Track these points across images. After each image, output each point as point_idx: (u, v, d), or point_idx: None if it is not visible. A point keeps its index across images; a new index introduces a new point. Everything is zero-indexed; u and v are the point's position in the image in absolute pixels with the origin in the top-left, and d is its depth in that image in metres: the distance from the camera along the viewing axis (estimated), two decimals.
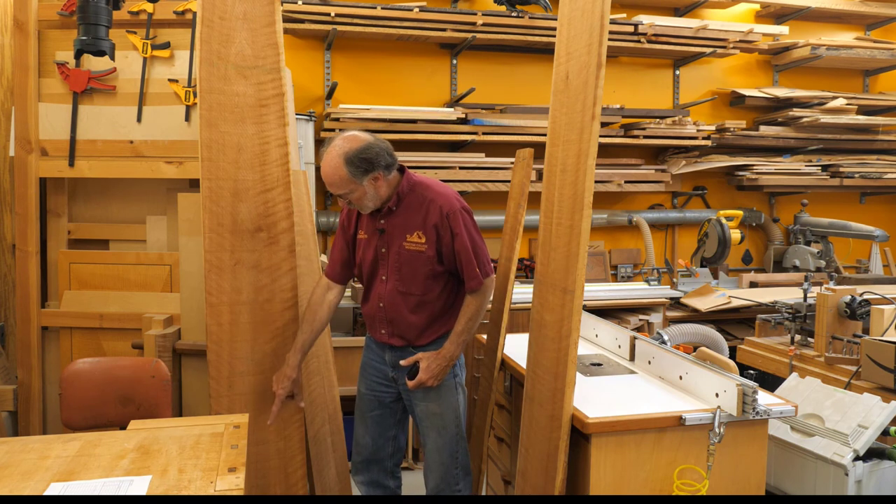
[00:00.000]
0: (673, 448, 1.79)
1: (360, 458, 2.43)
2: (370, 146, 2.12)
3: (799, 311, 2.98)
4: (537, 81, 4.65)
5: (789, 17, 5.03)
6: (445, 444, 2.28)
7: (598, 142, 1.77)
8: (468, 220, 2.23)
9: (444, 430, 2.28)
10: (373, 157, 2.11)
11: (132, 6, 3.15)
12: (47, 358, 3.21)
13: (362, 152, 2.10)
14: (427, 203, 2.20)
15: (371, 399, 2.40)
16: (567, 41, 1.92)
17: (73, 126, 3.13)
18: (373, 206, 2.20)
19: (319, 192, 4.22)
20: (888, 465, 2.00)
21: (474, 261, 2.21)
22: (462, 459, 2.33)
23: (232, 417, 1.99)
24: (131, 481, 1.55)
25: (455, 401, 2.30)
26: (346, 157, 2.09)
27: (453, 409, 2.29)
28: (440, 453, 2.29)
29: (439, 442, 2.28)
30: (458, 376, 2.32)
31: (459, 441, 2.31)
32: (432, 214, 2.19)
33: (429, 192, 2.23)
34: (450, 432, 2.29)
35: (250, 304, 2.23)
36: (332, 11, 3.90)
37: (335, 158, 2.10)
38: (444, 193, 2.23)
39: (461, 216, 2.20)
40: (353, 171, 2.09)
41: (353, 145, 2.11)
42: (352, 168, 2.09)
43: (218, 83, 2.17)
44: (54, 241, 3.26)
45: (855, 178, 4.99)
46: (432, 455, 2.30)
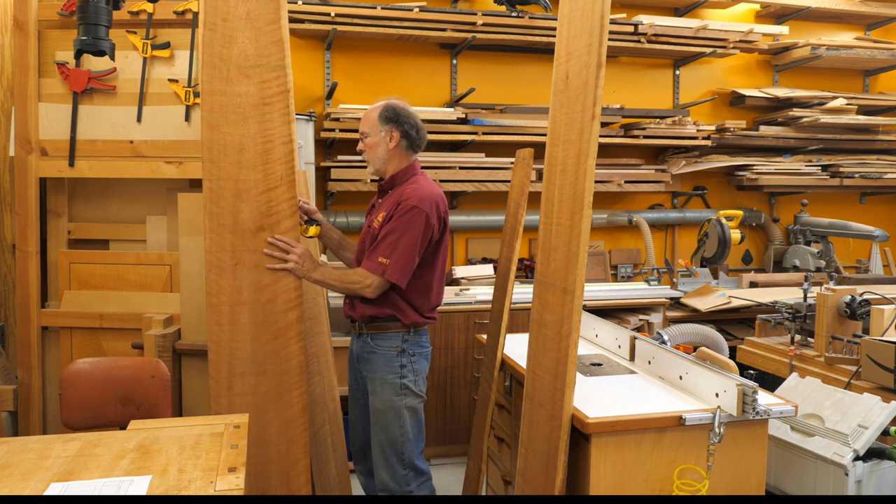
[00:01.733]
0: (673, 448, 1.79)
1: (356, 447, 2.52)
2: (407, 109, 2.35)
3: (799, 311, 2.98)
4: (537, 81, 4.64)
5: (789, 17, 5.03)
6: (388, 441, 2.30)
7: (598, 142, 1.77)
8: (417, 220, 2.22)
9: (386, 428, 2.30)
10: (402, 116, 2.32)
11: (132, 6, 3.15)
12: (47, 358, 3.21)
13: (398, 108, 2.33)
14: (403, 193, 2.28)
15: (355, 389, 2.50)
16: (567, 41, 1.92)
17: (73, 126, 3.13)
18: (378, 165, 2.36)
19: (319, 192, 4.22)
20: (888, 465, 2.00)
21: (384, 250, 2.21)
22: (410, 460, 2.32)
23: (232, 417, 1.99)
24: (131, 481, 1.55)
25: (398, 401, 2.30)
26: (386, 104, 2.34)
27: (395, 409, 2.29)
28: (383, 450, 2.31)
29: (381, 438, 2.31)
30: (406, 378, 2.31)
31: (405, 442, 2.30)
32: (396, 203, 2.27)
33: (411, 186, 2.30)
34: (392, 431, 2.30)
35: (251, 304, 2.23)
36: (332, 11, 3.90)
37: (380, 103, 2.35)
38: (420, 191, 2.27)
39: (413, 213, 2.22)
40: (382, 115, 2.32)
41: (400, 104, 2.35)
42: (383, 111, 2.32)
43: (220, 85, 2.16)
44: (54, 241, 3.26)
45: (855, 178, 4.99)
46: (376, 450, 2.34)
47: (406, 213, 2.22)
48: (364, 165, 4.07)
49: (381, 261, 2.21)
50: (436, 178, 4.10)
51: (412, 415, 2.32)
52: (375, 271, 2.22)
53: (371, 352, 2.35)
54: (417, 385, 2.34)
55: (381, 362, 2.33)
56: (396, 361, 2.32)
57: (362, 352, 2.38)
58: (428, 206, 2.24)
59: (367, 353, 2.36)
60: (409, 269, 2.24)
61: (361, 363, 2.40)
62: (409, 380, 2.31)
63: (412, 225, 2.21)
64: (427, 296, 2.34)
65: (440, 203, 2.30)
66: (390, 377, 2.31)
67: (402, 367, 2.31)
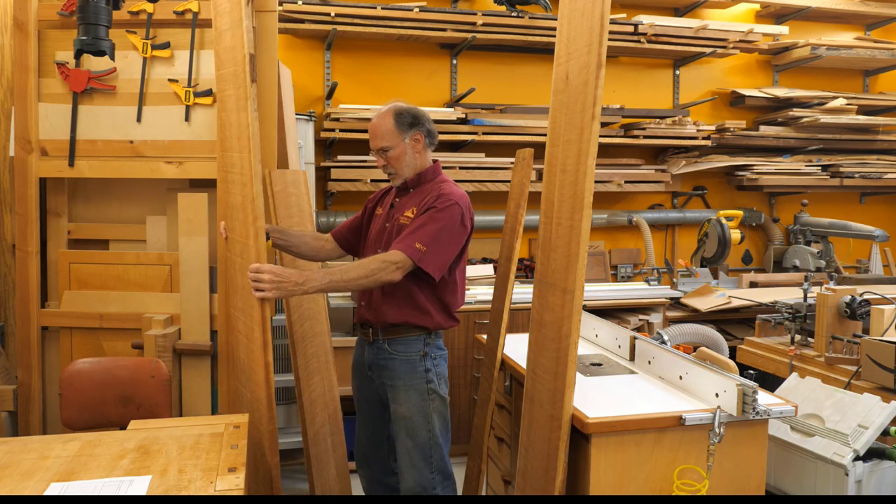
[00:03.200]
0: (673, 448, 1.79)
1: (361, 454, 2.48)
2: (417, 109, 2.29)
3: (799, 311, 2.98)
4: (537, 81, 4.65)
5: (789, 17, 5.03)
6: (416, 447, 2.25)
7: (598, 142, 1.77)
8: (456, 215, 2.16)
9: (413, 434, 2.25)
10: (420, 116, 2.26)
11: (132, 6, 3.15)
12: (47, 358, 3.21)
13: (410, 110, 2.26)
14: (434, 190, 2.25)
15: (360, 398, 2.45)
16: (567, 41, 1.92)
17: (73, 126, 3.13)
18: (408, 173, 2.28)
19: (319, 192, 4.22)
20: (888, 465, 2.00)
21: (422, 237, 2.09)
22: (438, 464, 2.27)
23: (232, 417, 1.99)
24: (131, 481, 1.55)
25: (425, 405, 2.25)
26: (396, 111, 2.24)
27: (423, 414, 2.24)
28: (410, 456, 2.25)
29: (409, 444, 2.25)
30: (431, 382, 2.26)
31: (433, 446, 2.26)
32: (430, 198, 2.22)
33: (441, 186, 2.27)
34: (420, 436, 2.24)
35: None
36: (332, 11, 3.90)
37: (385, 112, 2.25)
38: (454, 191, 2.25)
39: (454, 209, 2.17)
40: (399, 122, 2.23)
41: (404, 105, 2.28)
42: (398, 119, 2.23)
43: None
44: (54, 241, 3.26)
45: (855, 178, 4.99)
46: (403, 458, 2.27)
47: (447, 207, 2.16)
48: (364, 166, 4.08)
49: (417, 246, 2.08)
50: None
51: (440, 419, 2.27)
52: (412, 255, 2.06)
53: (389, 358, 2.27)
54: (441, 388, 2.29)
55: (404, 368, 2.25)
56: (420, 366, 2.25)
57: (377, 359, 2.30)
58: (464, 205, 2.22)
59: (384, 360, 2.29)
60: (445, 264, 2.15)
61: (376, 371, 2.32)
62: (434, 384, 2.26)
63: (452, 220, 2.16)
64: (456, 293, 2.30)
65: (470, 204, 2.27)
66: (416, 382, 2.24)
67: (426, 372, 2.25)
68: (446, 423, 2.32)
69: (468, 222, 2.23)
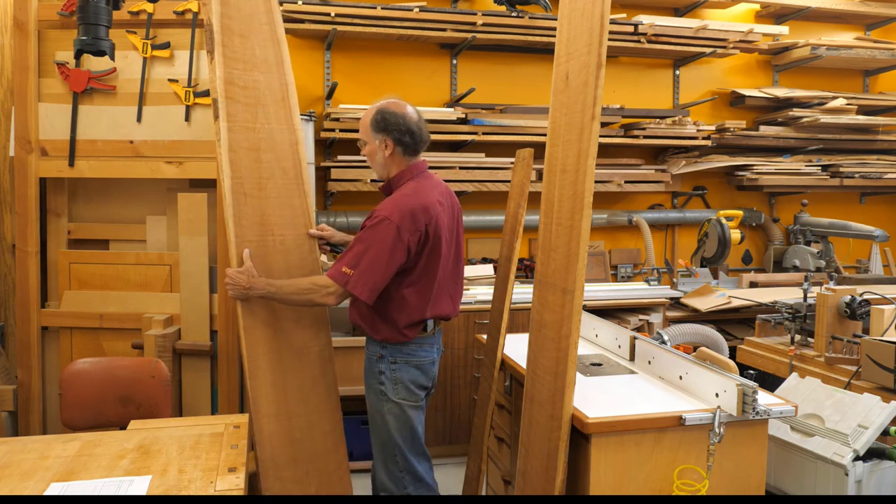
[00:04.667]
0: (673, 448, 1.79)
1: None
2: (397, 115, 2.23)
3: (799, 311, 2.98)
4: (537, 81, 4.64)
5: (789, 17, 5.03)
6: (378, 443, 2.32)
7: (598, 142, 1.77)
8: (386, 232, 2.10)
9: (375, 431, 2.32)
10: (391, 123, 2.23)
11: (132, 6, 3.15)
12: (47, 358, 3.21)
13: (388, 114, 2.23)
14: (383, 202, 2.24)
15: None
16: (567, 41, 1.92)
17: (73, 126, 3.13)
18: (379, 172, 2.33)
19: (319, 192, 4.22)
20: (888, 465, 2.00)
21: (350, 260, 2.12)
22: (403, 464, 2.28)
23: (232, 417, 1.99)
24: (131, 481, 1.56)
25: (380, 406, 2.27)
26: (377, 109, 2.25)
27: (380, 414, 2.28)
28: (379, 451, 2.32)
29: (374, 440, 2.33)
30: (384, 384, 2.26)
31: (394, 446, 2.26)
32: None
33: (396, 194, 2.24)
34: (381, 435, 2.29)
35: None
36: (332, 11, 3.90)
37: (371, 108, 2.28)
38: (400, 200, 2.17)
39: (383, 225, 2.11)
40: (374, 122, 2.25)
41: (389, 107, 2.25)
42: (374, 118, 2.24)
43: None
44: (54, 241, 3.26)
45: (855, 178, 4.98)
46: (374, 449, 2.35)
47: (375, 225, 2.12)
48: (365, 165, 4.08)
49: (345, 271, 2.12)
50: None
51: (397, 421, 2.26)
52: (338, 280, 2.12)
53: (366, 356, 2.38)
54: (398, 392, 2.25)
55: (367, 366, 2.34)
56: (376, 367, 2.29)
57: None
58: (399, 218, 2.10)
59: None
60: (377, 285, 2.12)
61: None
62: (385, 387, 2.26)
63: (383, 238, 2.10)
64: (405, 309, 2.21)
65: (419, 213, 2.14)
66: (371, 382, 2.31)
67: (380, 374, 2.27)
68: (407, 427, 2.27)
69: (408, 234, 2.12)
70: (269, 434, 2.21)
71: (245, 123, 2.26)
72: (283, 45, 2.37)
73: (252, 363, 2.19)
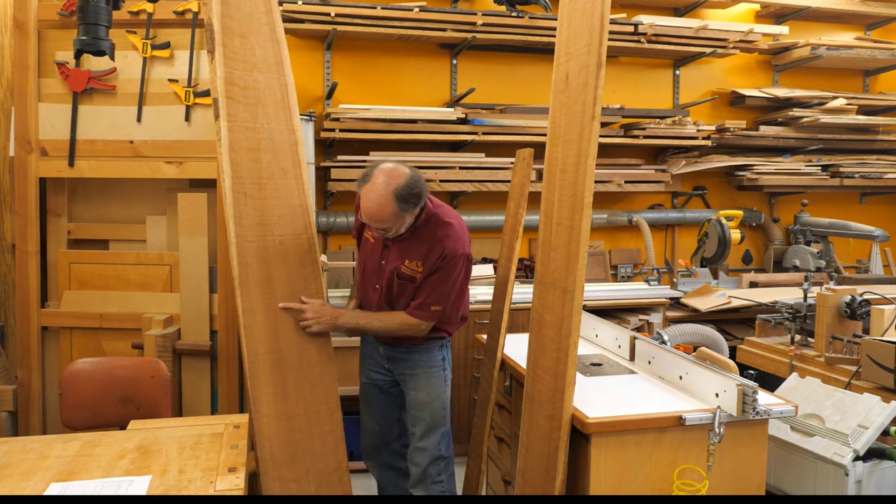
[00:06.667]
0: (673, 448, 1.79)
1: (370, 443, 2.56)
2: (415, 180, 2.14)
3: (799, 311, 2.98)
4: (537, 81, 4.64)
5: (789, 17, 5.03)
6: (432, 432, 2.37)
7: (598, 142, 1.77)
8: (463, 267, 2.29)
9: (431, 420, 2.37)
10: (421, 191, 2.16)
11: (132, 6, 3.15)
12: (47, 358, 3.21)
13: (411, 187, 2.11)
14: (436, 241, 2.25)
15: (372, 387, 2.53)
16: (567, 41, 1.92)
17: (73, 126, 3.13)
18: (403, 232, 2.27)
19: (319, 192, 4.22)
20: (888, 465, 2.00)
21: (436, 298, 2.27)
22: (445, 450, 2.41)
23: (232, 417, 1.99)
24: (131, 481, 1.56)
25: (443, 392, 2.40)
26: (397, 194, 2.09)
27: (441, 400, 2.38)
28: (426, 441, 2.37)
29: (425, 430, 2.37)
30: (446, 370, 2.43)
31: (444, 433, 2.40)
32: (435, 252, 2.25)
33: (441, 231, 2.26)
34: (437, 421, 2.37)
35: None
36: (332, 11, 3.90)
37: (385, 195, 2.08)
38: (456, 237, 2.27)
39: (460, 261, 2.27)
40: (404, 206, 2.12)
41: (401, 181, 2.10)
42: (402, 204, 2.11)
43: None
44: (54, 241, 3.26)
45: (855, 178, 4.98)
46: (419, 443, 2.38)
47: (454, 264, 2.25)
48: (364, 166, 4.08)
49: (434, 309, 2.27)
50: (436, 178, 4.10)
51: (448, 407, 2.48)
52: (431, 319, 2.29)
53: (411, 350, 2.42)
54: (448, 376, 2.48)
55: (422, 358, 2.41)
56: (437, 355, 2.43)
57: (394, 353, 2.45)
58: (466, 246, 2.30)
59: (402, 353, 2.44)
60: (464, 314, 2.41)
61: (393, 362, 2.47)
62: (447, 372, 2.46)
63: (458, 271, 2.28)
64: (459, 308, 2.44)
65: (462, 223, 2.35)
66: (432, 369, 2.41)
67: (442, 360, 2.43)
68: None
69: (468, 247, 2.32)
70: (268, 434, 2.20)
71: (245, 123, 2.26)
72: (282, 45, 2.37)
73: (252, 363, 2.19)
